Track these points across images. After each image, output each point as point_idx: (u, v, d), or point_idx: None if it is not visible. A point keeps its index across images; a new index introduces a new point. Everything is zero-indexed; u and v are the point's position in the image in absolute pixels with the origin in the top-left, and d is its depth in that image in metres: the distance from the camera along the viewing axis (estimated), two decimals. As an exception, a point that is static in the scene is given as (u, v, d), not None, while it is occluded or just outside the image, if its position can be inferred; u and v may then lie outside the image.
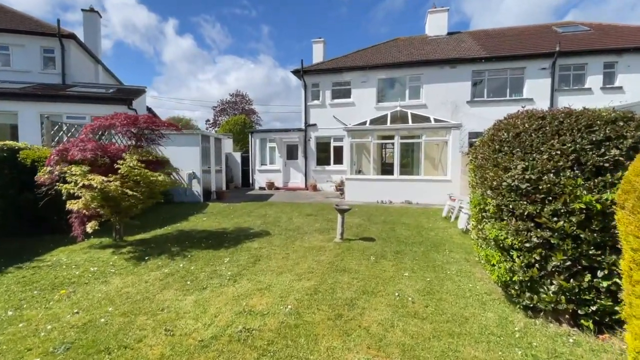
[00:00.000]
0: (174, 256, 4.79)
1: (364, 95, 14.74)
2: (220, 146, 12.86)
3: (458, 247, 5.45)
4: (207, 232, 6.34)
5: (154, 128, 5.40)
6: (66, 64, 14.25)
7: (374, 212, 8.80)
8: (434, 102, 13.85)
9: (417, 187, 10.85)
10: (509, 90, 13.50)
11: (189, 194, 10.57)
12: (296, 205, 9.98)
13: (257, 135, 16.40)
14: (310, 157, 15.54)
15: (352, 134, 11.59)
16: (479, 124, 13.28)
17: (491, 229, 3.15)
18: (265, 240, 5.76)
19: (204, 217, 7.91)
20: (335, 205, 5.78)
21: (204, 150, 10.96)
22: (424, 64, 13.93)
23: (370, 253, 4.99)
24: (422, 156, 11.07)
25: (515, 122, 3.04)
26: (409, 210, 9.15)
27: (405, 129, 11.09)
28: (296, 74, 15.42)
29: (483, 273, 4.18)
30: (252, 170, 16.43)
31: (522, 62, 13.11)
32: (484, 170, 3.47)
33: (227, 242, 5.57)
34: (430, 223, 7.43)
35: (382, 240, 5.80)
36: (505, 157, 2.96)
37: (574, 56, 12.76)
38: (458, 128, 10.58)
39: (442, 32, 17.00)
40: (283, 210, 9.00)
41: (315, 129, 15.42)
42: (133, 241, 5.66)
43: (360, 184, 11.34)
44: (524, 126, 2.87)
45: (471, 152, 4.22)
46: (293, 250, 5.11)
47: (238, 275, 3.96)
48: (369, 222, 7.51)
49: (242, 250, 5.11)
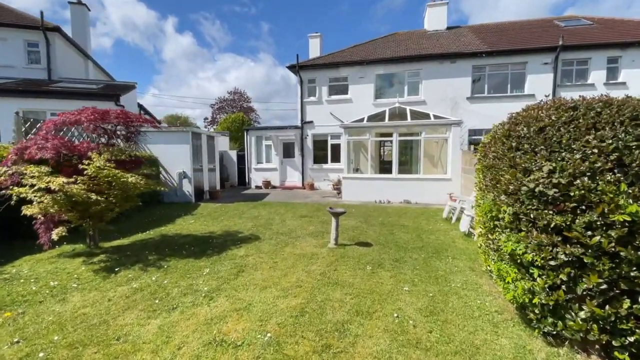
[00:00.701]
0: (149, 266, 4.32)
1: (362, 92, 14.24)
2: (213, 144, 12.36)
3: (461, 253, 5.01)
4: (192, 237, 5.87)
5: (128, 124, 4.91)
6: (52, 58, 13.67)
7: (372, 213, 8.35)
8: (434, 99, 13.39)
9: (416, 186, 10.41)
10: (510, 86, 13.04)
11: (180, 194, 10.09)
12: (291, 206, 9.52)
13: (253, 133, 15.89)
14: (307, 155, 15.06)
15: (349, 131, 11.11)
16: (479, 121, 12.86)
17: (506, 242, 2.70)
18: (253, 246, 5.30)
19: (192, 220, 7.43)
20: (329, 209, 5.33)
21: (195, 148, 10.46)
22: (423, 58, 13.44)
23: (366, 261, 4.55)
24: (422, 154, 10.61)
25: (538, 114, 2.57)
26: (408, 211, 8.71)
27: (404, 126, 10.63)
28: (292, 69, 14.89)
29: (491, 285, 3.74)
30: (248, 169, 15.94)
31: (524, 56, 12.64)
32: (496, 171, 3.02)
33: (212, 249, 5.11)
34: (430, 225, 7.00)
35: (379, 246, 5.36)
36: (526, 157, 2.51)
37: (577, 50, 12.30)
38: (458, 125, 10.13)
39: (441, 26, 16.50)
40: (277, 211, 8.54)
41: (312, 126, 14.92)
42: (109, 248, 5.19)
43: (358, 183, 10.89)
44: (550, 119, 2.41)
45: (480, 149, 3.77)
46: (282, 259, 4.65)
47: (216, 291, 3.50)
48: (366, 224, 7.06)
49: (225, 258, 4.65)
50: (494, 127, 3.62)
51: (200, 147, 10.89)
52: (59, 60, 13.99)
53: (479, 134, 13.19)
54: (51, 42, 13.58)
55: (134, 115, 5.01)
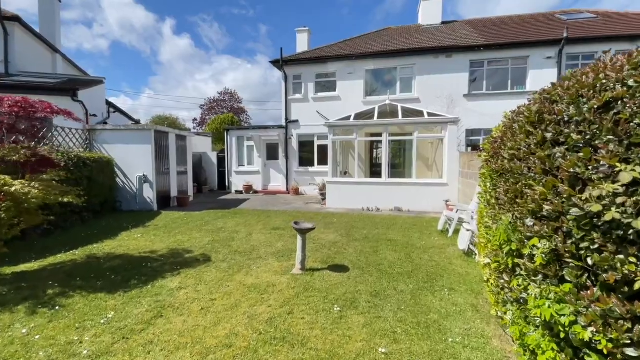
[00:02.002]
0: (39, 306, 3.16)
1: (351, 88, 13.18)
2: (184, 144, 11.18)
3: (460, 280, 3.91)
4: (125, 259, 4.71)
5: (30, 115, 3.75)
6: (10, 50, 12.45)
7: (356, 224, 7.24)
8: (428, 96, 12.35)
9: (408, 191, 9.32)
10: (511, 82, 12.05)
11: (140, 201, 8.89)
12: (266, 215, 8.38)
13: (234, 133, 14.74)
14: (291, 157, 13.94)
15: (334, 130, 10.02)
16: (477, 121, 11.84)
17: (540, 299, 1.60)
18: (195, 273, 4.15)
19: (140, 233, 6.26)
20: (294, 224, 4.20)
21: (160, 149, 9.29)
22: (416, 52, 12.43)
23: (336, 296, 3.43)
24: (415, 156, 9.53)
25: (595, 80, 1.46)
26: (398, 221, 7.61)
27: (394, 124, 9.57)
28: (275, 64, 13.80)
29: (502, 338, 2.64)
30: (228, 172, 14.77)
31: (525, 50, 11.67)
32: (516, 179, 1.93)
33: (139, 278, 3.95)
34: (423, 240, 5.90)
35: (358, 270, 4.24)
36: (576, 156, 1.42)
37: (583, 44, 11.35)
38: (455, 123, 9.07)
39: (436, 20, 15.54)
40: (247, 222, 7.39)
41: (297, 125, 13.82)
42: (7, 276, 4.01)
43: (344, 189, 9.78)
44: (626, 85, 1.32)
45: (486, 147, 2.68)
46: (225, 293, 3.51)
47: (99, 358, 2.36)
48: (347, 238, 5.94)
49: (148, 293, 3.50)
50: (506, 115, 2.54)
51: (167, 147, 9.71)
52: (20, 53, 12.77)
53: (477, 135, 12.17)
54: (9, 32, 12.36)
55: (40, 103, 3.85)
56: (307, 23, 70.06)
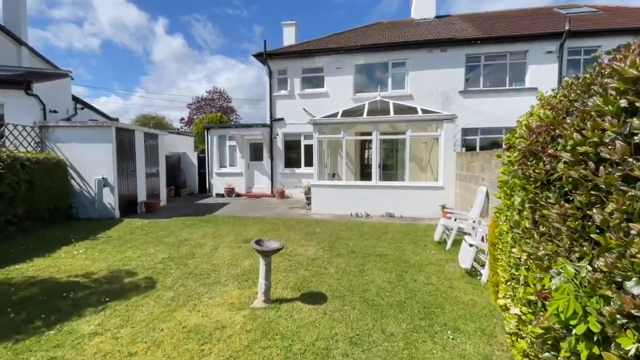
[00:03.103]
0: None
1: (340, 84, 12.31)
2: (156, 143, 10.15)
3: (466, 313, 3.05)
4: (45, 286, 3.73)
5: None
6: (-36, 41, 11.27)
7: (342, 233, 6.36)
8: (421, 93, 11.56)
9: (401, 195, 8.48)
10: (509, 78, 11.32)
11: (99, 206, 7.85)
12: (242, 223, 7.45)
13: (215, 132, 13.74)
14: (277, 157, 13.01)
15: (319, 128, 9.13)
16: (474, 119, 11.09)
17: None
18: (127, 306, 3.21)
19: (82, 249, 5.26)
20: (255, 244, 3.28)
21: (123, 149, 8.26)
22: (409, 46, 11.63)
23: (303, 347, 2.53)
24: (408, 157, 8.68)
25: None
26: (390, 229, 6.76)
27: (385, 122, 8.73)
28: (259, 57, 12.86)
29: None
30: (209, 174, 13.76)
31: (524, 44, 10.95)
32: (589, 198, 1.06)
33: (48, 316, 2.99)
34: (417, 253, 5.05)
35: (337, 301, 3.35)
36: None
37: (586, 37, 10.67)
38: (452, 120, 8.26)
39: (429, 14, 14.78)
40: (217, 232, 6.45)
41: (283, 124, 12.90)
42: None
43: (330, 192, 8.89)
44: None
45: (514, 140, 1.82)
46: (153, 343, 2.59)
47: None
48: (330, 252, 5.06)
49: (47, 344, 2.54)
50: (567, 81, 1.67)
51: (133, 147, 8.69)
52: (-24, 44, 11.60)
53: (473, 134, 11.43)
54: (-37, 20, 11.19)
55: None
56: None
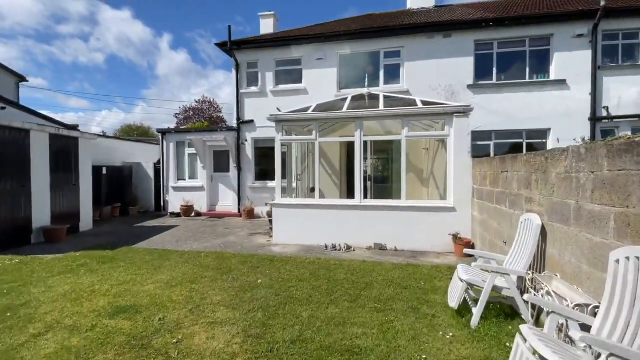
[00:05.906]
0: None
1: (321, 79, 10.09)
2: (69, 148, 7.70)
3: None
4: None
5: None
6: None
7: (299, 289, 3.90)
8: (421, 87, 9.32)
9: (395, 219, 6.07)
10: (529, 69, 9.12)
11: (-42, 238, 5.40)
12: (157, 264, 4.99)
13: (172, 138, 11.41)
14: (246, 168, 10.64)
15: (282, 127, 6.78)
16: (486, 119, 8.82)
17: None
18: None
19: None
20: None
21: (1, 155, 5.87)
22: (405, 31, 9.50)
23: None
24: (404, 166, 6.31)
25: None
26: (378, 276, 4.32)
27: (371, 117, 6.39)
28: (222, 47, 10.67)
29: None
30: (164, 188, 11.34)
31: (548, 26, 8.80)
32: None
33: None
34: (422, 342, 2.59)
35: None
36: None
37: (625, 17, 8.55)
38: (466, 114, 5.91)
39: (428, 3, 12.72)
40: (91, 288, 3.99)
41: (253, 127, 10.60)
42: None
43: (299, 214, 6.46)
44: None
45: None
46: None
47: None
48: (255, 345, 2.60)
49: None
50: None
51: (25, 152, 6.28)
52: None
53: (486, 138, 9.15)
54: None
55: None
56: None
